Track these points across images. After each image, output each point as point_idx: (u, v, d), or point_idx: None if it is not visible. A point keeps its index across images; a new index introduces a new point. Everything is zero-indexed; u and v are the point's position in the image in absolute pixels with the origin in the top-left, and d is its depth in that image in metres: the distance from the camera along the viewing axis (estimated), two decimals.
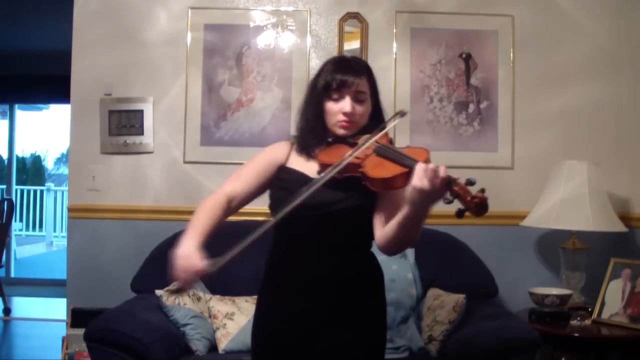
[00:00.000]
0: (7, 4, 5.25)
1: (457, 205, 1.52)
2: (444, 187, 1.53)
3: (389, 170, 1.68)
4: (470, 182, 1.52)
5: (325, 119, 1.89)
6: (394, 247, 1.78)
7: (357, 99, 1.86)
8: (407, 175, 1.63)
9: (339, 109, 1.86)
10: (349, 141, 1.86)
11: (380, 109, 1.96)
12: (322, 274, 1.81)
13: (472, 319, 2.68)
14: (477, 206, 1.48)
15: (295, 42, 3.36)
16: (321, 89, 1.88)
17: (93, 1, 3.35)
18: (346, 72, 1.86)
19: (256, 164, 1.95)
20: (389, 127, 1.84)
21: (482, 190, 1.50)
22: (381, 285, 1.94)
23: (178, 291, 1.67)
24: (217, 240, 1.76)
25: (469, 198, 1.49)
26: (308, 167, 1.89)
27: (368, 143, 1.78)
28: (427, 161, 1.63)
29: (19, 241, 9.23)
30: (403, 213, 1.64)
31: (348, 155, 1.74)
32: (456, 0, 3.37)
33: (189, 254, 1.70)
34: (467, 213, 1.50)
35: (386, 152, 1.75)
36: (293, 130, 2.03)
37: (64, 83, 3.48)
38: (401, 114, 1.86)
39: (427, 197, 1.56)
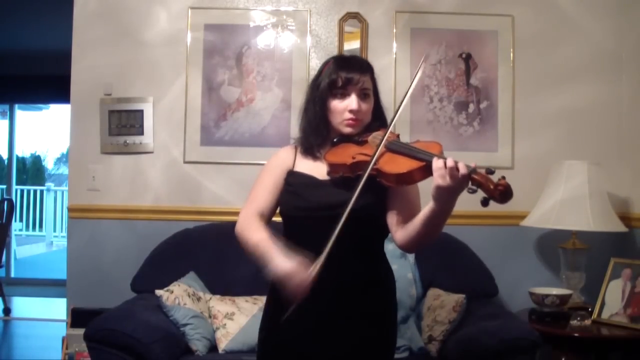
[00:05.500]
0: (7, 4, 5.25)
1: (480, 194, 1.54)
2: (467, 179, 1.55)
3: (404, 165, 1.68)
4: (490, 171, 1.54)
5: (329, 118, 1.88)
6: (417, 244, 1.78)
7: (362, 97, 1.86)
8: (424, 169, 1.63)
9: (345, 106, 1.85)
10: (356, 139, 1.85)
11: (381, 107, 1.95)
12: (333, 275, 1.78)
13: (472, 319, 2.68)
14: (502, 194, 1.49)
15: (295, 42, 3.36)
16: (326, 87, 1.86)
17: (93, 1, 3.35)
18: (351, 70, 1.85)
19: (266, 179, 1.92)
20: (420, 73, 1.82)
21: (503, 177, 1.52)
22: (392, 286, 1.93)
23: (297, 308, 1.67)
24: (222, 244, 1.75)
25: (492, 187, 1.50)
26: (315, 169, 1.88)
27: (386, 135, 1.76)
28: (441, 154, 1.63)
29: (19, 241, 9.22)
30: (429, 209, 1.65)
31: (376, 152, 1.72)
32: (456, 0, 3.37)
33: (293, 269, 1.65)
34: (491, 201, 1.52)
35: (399, 147, 1.75)
36: (293, 132, 2.02)
37: (64, 83, 3.48)
38: (425, 58, 1.85)
39: (452, 192, 1.58)
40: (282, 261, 1.68)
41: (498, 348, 2.41)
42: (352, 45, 3.33)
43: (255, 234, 1.80)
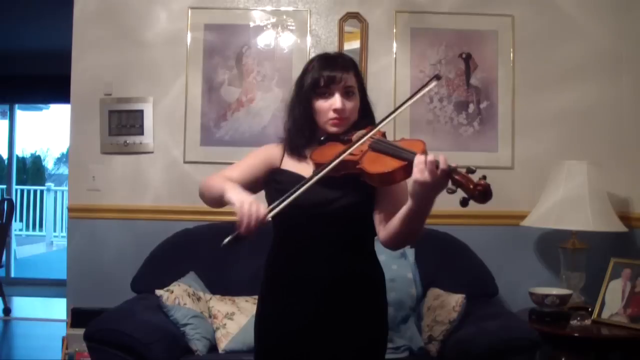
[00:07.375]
0: (7, 4, 5.25)
1: (460, 194, 1.51)
2: (446, 177, 1.52)
3: (387, 165, 1.67)
4: (471, 170, 1.51)
5: (315, 118, 1.88)
6: (397, 243, 1.77)
7: (346, 95, 1.85)
8: (406, 169, 1.62)
9: (329, 106, 1.84)
10: (342, 138, 1.85)
11: (369, 103, 1.94)
12: (322, 274, 1.81)
13: (472, 319, 2.68)
14: (481, 194, 1.46)
15: (295, 42, 3.36)
16: (309, 87, 1.86)
17: (93, 1, 3.35)
18: (333, 68, 1.84)
19: (252, 159, 1.97)
20: (425, 90, 1.83)
21: (484, 177, 1.49)
22: (382, 285, 1.93)
23: (237, 240, 1.63)
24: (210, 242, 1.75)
25: (471, 186, 1.47)
26: (302, 168, 1.88)
27: (364, 139, 1.76)
28: (424, 152, 1.61)
29: (19, 241, 9.22)
30: (407, 207, 1.63)
31: (342, 152, 1.73)
32: (456, 0, 3.37)
33: (251, 199, 1.65)
34: (471, 201, 1.49)
35: (382, 146, 1.74)
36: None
37: (64, 83, 3.48)
38: (437, 77, 1.83)
39: (430, 189, 1.55)
40: (239, 192, 1.71)
41: (498, 348, 2.41)
42: (352, 45, 3.33)
43: (215, 179, 1.87)
